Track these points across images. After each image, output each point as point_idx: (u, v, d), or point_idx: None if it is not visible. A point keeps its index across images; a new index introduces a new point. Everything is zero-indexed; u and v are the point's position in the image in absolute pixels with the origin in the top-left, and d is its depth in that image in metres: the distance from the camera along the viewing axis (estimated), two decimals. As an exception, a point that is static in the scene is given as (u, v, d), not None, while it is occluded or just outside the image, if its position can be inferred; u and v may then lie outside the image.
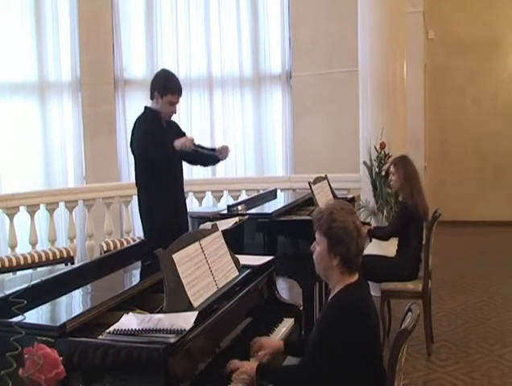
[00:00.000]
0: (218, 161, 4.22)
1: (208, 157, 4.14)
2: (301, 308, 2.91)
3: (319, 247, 2.26)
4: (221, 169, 7.84)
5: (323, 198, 4.48)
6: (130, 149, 4.03)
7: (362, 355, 2.14)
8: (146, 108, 4.00)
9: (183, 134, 4.10)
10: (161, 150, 3.78)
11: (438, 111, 9.17)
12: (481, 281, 6.07)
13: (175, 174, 4.02)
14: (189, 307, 2.16)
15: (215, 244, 2.57)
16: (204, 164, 4.42)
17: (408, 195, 4.33)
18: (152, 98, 3.94)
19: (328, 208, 2.28)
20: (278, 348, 2.45)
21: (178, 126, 4.19)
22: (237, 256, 2.70)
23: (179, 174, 4.10)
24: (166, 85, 3.89)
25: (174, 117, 4.14)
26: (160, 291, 2.23)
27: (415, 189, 4.35)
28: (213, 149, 4.16)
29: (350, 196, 5.29)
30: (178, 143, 3.74)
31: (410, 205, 4.29)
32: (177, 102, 3.97)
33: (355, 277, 2.27)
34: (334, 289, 2.28)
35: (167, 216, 3.91)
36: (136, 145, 3.89)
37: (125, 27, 7.60)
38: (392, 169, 4.51)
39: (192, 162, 4.29)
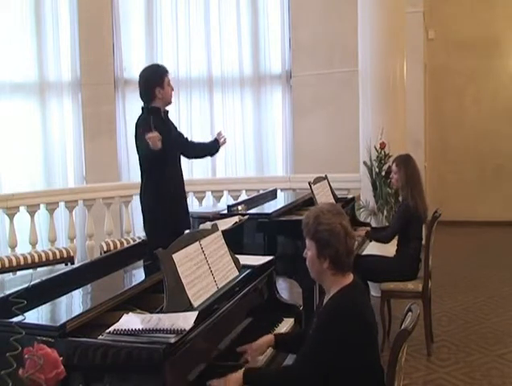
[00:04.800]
0: (217, 149, 4.39)
1: (206, 145, 4.38)
2: (301, 308, 2.91)
3: (310, 252, 2.27)
4: (221, 169, 7.85)
5: (323, 198, 4.48)
6: (129, 150, 4.06)
7: (359, 356, 2.14)
8: (143, 108, 4.01)
9: (178, 132, 4.21)
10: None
11: (438, 111, 9.17)
12: (481, 281, 6.07)
13: (175, 172, 4.05)
14: (189, 307, 2.17)
15: (215, 244, 2.57)
16: (203, 154, 4.54)
17: (408, 196, 4.32)
18: (152, 98, 3.94)
19: (313, 212, 2.28)
20: (269, 342, 2.42)
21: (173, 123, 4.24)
22: (237, 256, 2.70)
23: (179, 173, 4.12)
24: (157, 74, 3.98)
25: (174, 116, 4.16)
26: (160, 291, 2.23)
27: (416, 189, 4.33)
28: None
29: (350, 196, 5.29)
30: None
31: (411, 206, 4.28)
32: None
33: (349, 278, 2.27)
34: (329, 291, 2.28)
35: (168, 214, 3.93)
36: (140, 144, 3.89)
37: (125, 27, 7.60)
38: (394, 167, 4.49)
39: (189, 155, 4.39)
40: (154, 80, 3.94)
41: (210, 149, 4.44)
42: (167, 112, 4.07)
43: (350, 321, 2.14)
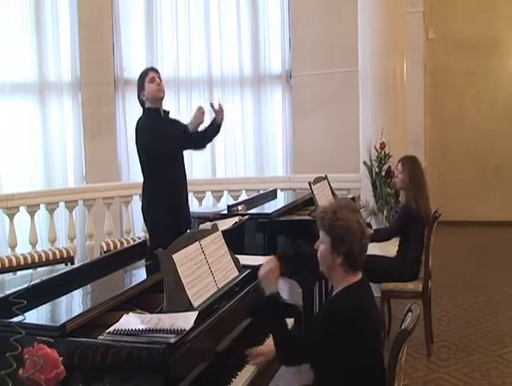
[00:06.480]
0: (218, 127, 4.05)
1: (209, 129, 4.06)
2: (301, 308, 2.91)
3: (322, 245, 2.25)
4: (221, 169, 7.85)
5: (323, 198, 4.48)
6: (129, 150, 4.06)
7: (360, 355, 2.13)
8: (144, 109, 4.03)
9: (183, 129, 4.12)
10: (168, 145, 3.82)
11: (438, 111, 9.17)
12: (481, 281, 6.07)
13: (178, 172, 4.05)
14: (189, 307, 2.17)
15: (215, 244, 2.57)
16: (210, 138, 4.18)
17: (412, 199, 4.28)
18: (143, 102, 4.00)
19: (331, 207, 2.26)
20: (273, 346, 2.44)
21: (179, 121, 4.19)
22: (237, 256, 2.70)
23: (182, 173, 4.11)
24: (139, 78, 4.03)
25: (174, 116, 4.15)
26: (160, 291, 2.23)
27: (420, 192, 4.29)
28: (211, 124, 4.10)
29: (350, 196, 5.29)
30: (191, 125, 3.77)
31: (414, 208, 4.26)
32: (158, 77, 3.99)
33: (358, 276, 2.25)
34: (337, 287, 2.27)
35: (169, 214, 3.93)
36: (144, 143, 3.89)
37: (125, 27, 7.60)
38: (399, 167, 4.44)
39: (199, 142, 4.13)
40: (137, 88, 4.02)
41: (210, 133, 4.13)
42: (168, 112, 4.07)
43: (354, 319, 2.13)
